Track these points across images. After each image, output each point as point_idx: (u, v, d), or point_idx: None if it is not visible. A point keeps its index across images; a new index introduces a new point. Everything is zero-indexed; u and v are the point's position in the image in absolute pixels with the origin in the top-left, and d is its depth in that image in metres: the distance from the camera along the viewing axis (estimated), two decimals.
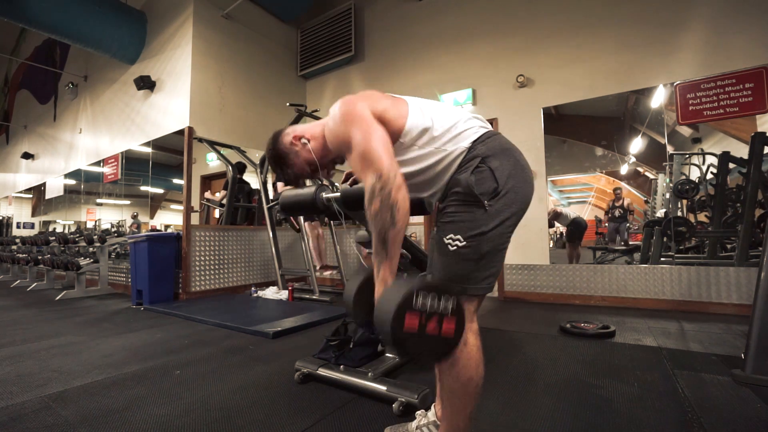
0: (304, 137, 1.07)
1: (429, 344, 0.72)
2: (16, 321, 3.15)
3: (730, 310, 2.88)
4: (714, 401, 1.44)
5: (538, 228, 3.69)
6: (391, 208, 0.81)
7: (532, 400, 1.50)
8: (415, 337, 0.70)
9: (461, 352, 0.91)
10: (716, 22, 3.03)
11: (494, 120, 3.99)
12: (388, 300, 0.73)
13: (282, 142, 1.09)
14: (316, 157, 1.06)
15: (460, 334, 0.74)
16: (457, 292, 0.75)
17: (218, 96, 4.44)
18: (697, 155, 3.13)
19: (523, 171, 0.96)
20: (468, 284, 0.91)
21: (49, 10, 4.09)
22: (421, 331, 0.71)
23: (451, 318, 0.72)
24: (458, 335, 0.74)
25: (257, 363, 1.97)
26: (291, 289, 3.83)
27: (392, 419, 1.34)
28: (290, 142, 1.08)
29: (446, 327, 0.72)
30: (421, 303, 0.71)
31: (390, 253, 0.83)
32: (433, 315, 0.71)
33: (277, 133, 1.11)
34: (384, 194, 0.81)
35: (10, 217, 8.82)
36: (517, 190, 0.92)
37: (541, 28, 3.78)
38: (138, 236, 3.88)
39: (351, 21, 4.92)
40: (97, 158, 5.70)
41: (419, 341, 0.71)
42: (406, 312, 0.70)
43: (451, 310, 0.72)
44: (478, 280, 0.91)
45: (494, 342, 2.31)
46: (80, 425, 1.33)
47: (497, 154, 0.92)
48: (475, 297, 0.94)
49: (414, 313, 0.70)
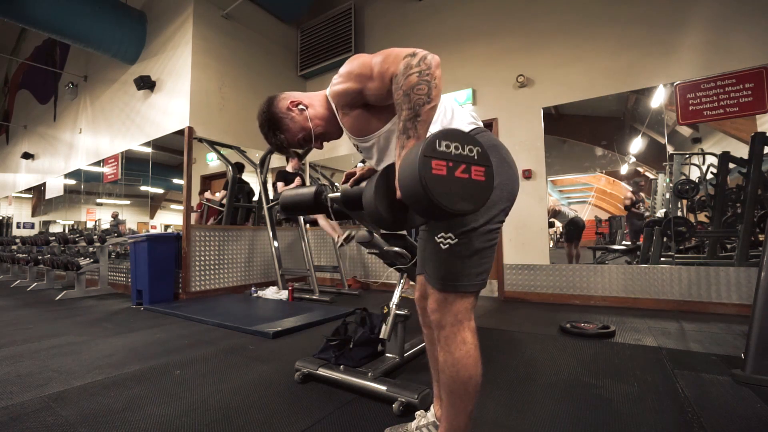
0: (302, 103, 1.04)
1: (461, 187, 0.69)
2: (16, 321, 3.15)
3: (730, 310, 2.88)
4: (714, 401, 1.44)
5: (538, 228, 3.69)
6: (429, 82, 0.78)
7: (532, 400, 1.49)
8: (445, 180, 0.67)
9: (459, 350, 0.90)
10: (716, 22, 3.03)
11: (494, 120, 3.99)
12: (410, 155, 0.70)
13: (277, 105, 1.05)
14: (312, 126, 1.03)
15: (491, 180, 0.71)
16: (479, 143, 0.72)
17: (218, 96, 4.44)
18: (697, 155, 3.13)
19: (510, 168, 0.97)
20: (462, 281, 0.90)
21: (49, 10, 4.09)
22: (450, 174, 0.67)
23: (479, 165, 0.70)
24: (489, 181, 0.71)
25: (257, 363, 1.97)
26: (291, 289, 3.83)
27: (392, 419, 1.34)
28: (286, 107, 1.04)
29: (476, 172, 0.70)
30: (445, 147, 0.68)
31: (420, 132, 0.79)
32: (459, 160, 0.69)
33: (272, 97, 1.08)
34: (423, 67, 0.79)
35: (10, 217, 8.83)
36: (504, 186, 0.93)
37: (541, 28, 3.78)
38: (138, 236, 3.88)
39: (351, 21, 4.92)
40: (97, 158, 5.70)
41: (450, 184, 0.67)
42: (432, 159, 0.66)
43: (478, 156, 0.70)
44: (472, 276, 0.91)
45: (494, 342, 2.31)
46: (80, 425, 1.33)
47: (488, 150, 0.94)
48: (470, 294, 0.93)
49: (440, 160, 0.67)
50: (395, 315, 1.67)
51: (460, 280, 0.90)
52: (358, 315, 1.97)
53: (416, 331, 2.24)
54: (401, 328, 1.76)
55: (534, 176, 3.73)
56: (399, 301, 1.71)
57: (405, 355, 1.84)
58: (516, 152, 3.85)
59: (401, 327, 1.76)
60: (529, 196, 3.74)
